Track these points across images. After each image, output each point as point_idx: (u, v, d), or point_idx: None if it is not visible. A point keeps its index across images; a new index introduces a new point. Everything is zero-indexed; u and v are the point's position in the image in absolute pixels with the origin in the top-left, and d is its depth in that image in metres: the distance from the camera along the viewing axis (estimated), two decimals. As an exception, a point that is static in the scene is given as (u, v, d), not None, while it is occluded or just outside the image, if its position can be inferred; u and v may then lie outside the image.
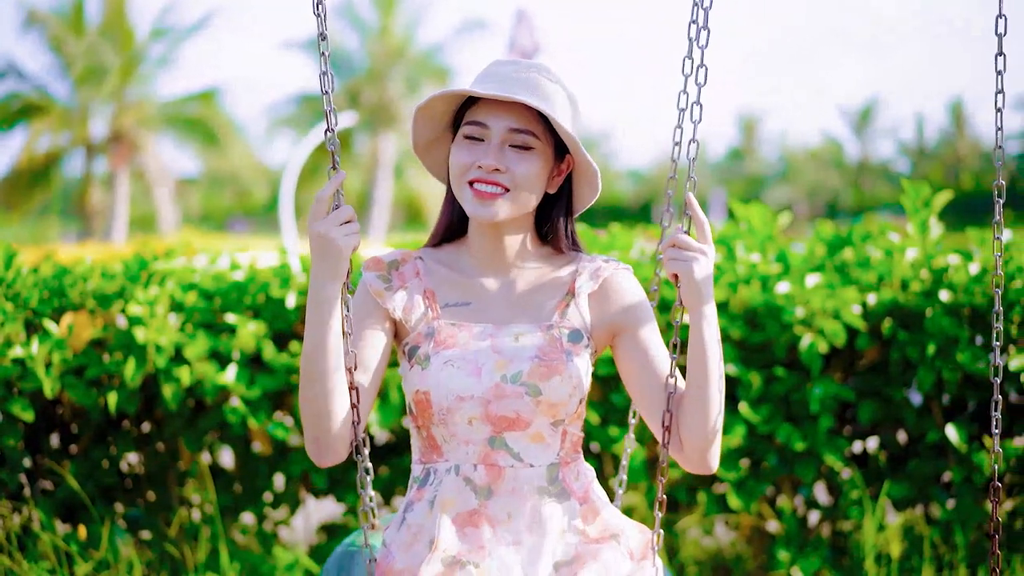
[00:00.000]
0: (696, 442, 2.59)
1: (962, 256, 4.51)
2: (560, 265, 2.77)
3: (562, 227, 2.76)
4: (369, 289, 2.70)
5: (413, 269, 2.75)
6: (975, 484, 4.43)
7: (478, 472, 2.61)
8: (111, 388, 4.36)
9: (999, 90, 2.86)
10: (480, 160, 2.58)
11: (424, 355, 2.62)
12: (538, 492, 2.63)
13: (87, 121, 38.98)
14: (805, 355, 4.38)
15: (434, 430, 2.64)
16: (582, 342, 2.66)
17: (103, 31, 38.30)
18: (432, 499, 2.64)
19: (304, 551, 4.74)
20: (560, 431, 2.66)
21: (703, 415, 2.58)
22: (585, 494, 2.70)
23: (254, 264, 4.66)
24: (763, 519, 4.72)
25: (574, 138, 2.59)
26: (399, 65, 42.93)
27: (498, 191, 2.58)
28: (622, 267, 2.77)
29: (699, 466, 2.63)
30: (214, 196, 68.03)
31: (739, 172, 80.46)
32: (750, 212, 4.73)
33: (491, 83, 2.60)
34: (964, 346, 4.32)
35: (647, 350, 2.67)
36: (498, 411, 2.58)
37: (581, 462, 2.75)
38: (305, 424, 2.56)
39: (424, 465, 2.70)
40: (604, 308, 2.71)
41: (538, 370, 2.58)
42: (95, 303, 4.39)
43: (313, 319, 2.51)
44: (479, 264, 2.74)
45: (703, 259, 2.55)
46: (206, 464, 4.59)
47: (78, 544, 4.39)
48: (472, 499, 2.60)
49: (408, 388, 2.65)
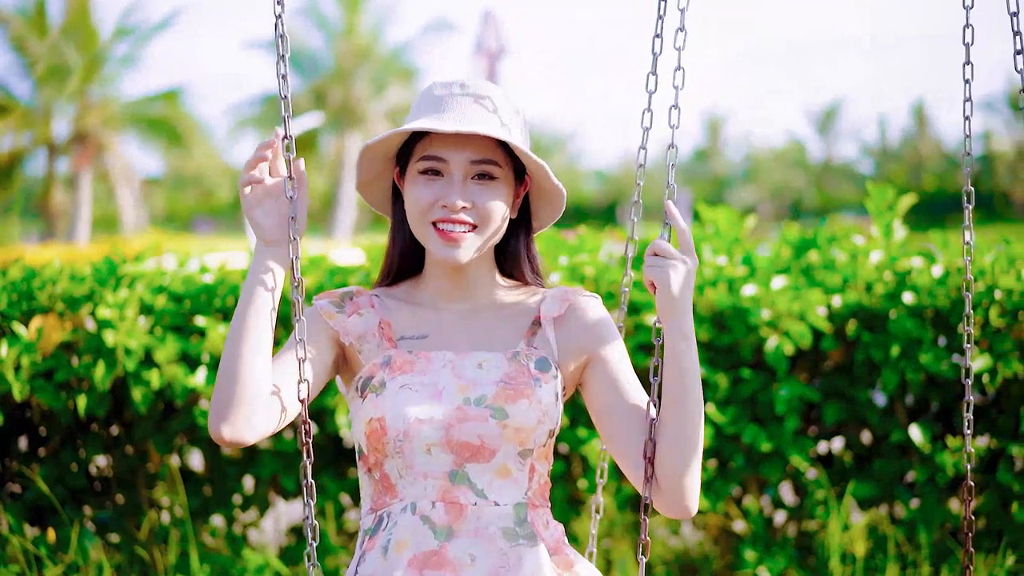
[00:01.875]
0: (671, 477, 2.38)
1: (925, 258, 4.56)
2: (525, 295, 2.57)
3: (523, 251, 2.58)
4: (320, 312, 2.49)
5: (368, 301, 2.53)
6: (938, 484, 4.49)
7: (437, 510, 2.37)
8: (80, 391, 4.36)
9: (967, 98, 2.90)
10: (444, 199, 2.38)
11: (379, 382, 2.40)
12: (504, 534, 2.38)
13: (50, 121, 38.72)
14: (771, 357, 4.42)
15: (387, 466, 2.40)
16: (550, 371, 2.44)
17: (66, 30, 38.04)
18: (386, 544, 2.38)
19: (274, 553, 4.75)
20: (528, 466, 2.42)
21: (678, 444, 2.37)
22: (557, 545, 2.45)
23: (224, 267, 4.66)
24: (730, 519, 4.76)
25: (543, 165, 2.43)
26: (365, 65, 42.88)
27: (465, 229, 2.40)
28: (588, 294, 2.57)
29: (675, 506, 2.40)
30: (178, 196, 67.68)
31: (704, 173, 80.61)
32: (717, 215, 4.77)
33: (442, 114, 2.41)
34: (928, 347, 4.37)
35: (616, 377, 2.49)
36: (460, 437, 2.35)
37: (550, 513, 2.49)
38: (217, 388, 2.32)
39: (376, 512, 2.44)
40: (571, 335, 2.50)
41: (504, 393, 2.38)
42: (64, 306, 4.39)
43: (244, 284, 2.37)
44: (438, 298, 2.54)
45: (681, 267, 2.37)
46: (176, 467, 4.59)
47: (47, 547, 4.39)
48: (431, 539, 2.35)
49: (359, 424, 2.42)
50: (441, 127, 2.33)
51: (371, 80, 43.03)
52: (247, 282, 2.35)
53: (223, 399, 2.31)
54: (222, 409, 2.30)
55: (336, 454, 4.67)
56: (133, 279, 4.46)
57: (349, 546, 4.74)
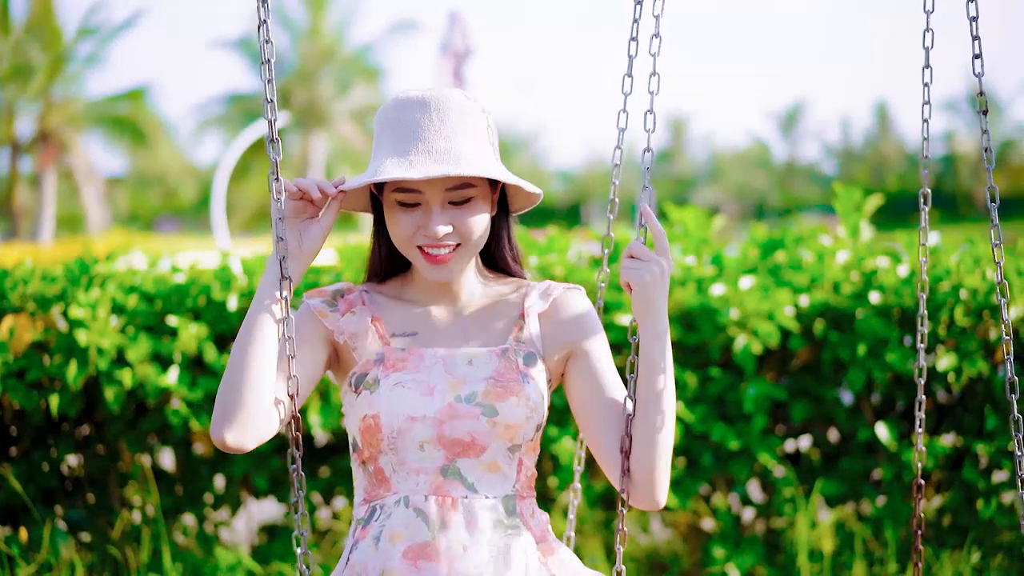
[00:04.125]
0: (643, 470, 2.47)
1: (891, 258, 4.62)
2: (510, 288, 2.63)
3: (504, 238, 2.62)
4: (313, 310, 2.53)
5: (359, 298, 2.57)
6: (904, 482, 4.54)
7: (429, 503, 2.44)
8: (52, 391, 4.36)
9: (926, 101, 2.94)
10: (425, 230, 2.42)
11: (373, 379, 2.45)
12: (494, 526, 2.45)
13: (13, 120, 38.56)
14: (739, 356, 4.47)
15: (382, 460, 2.47)
16: (537, 365, 2.52)
17: (29, 29, 37.86)
18: (379, 535, 2.45)
19: (246, 552, 4.77)
20: (516, 460, 2.49)
21: (650, 439, 2.46)
22: (543, 534, 2.53)
23: (195, 267, 4.67)
24: (699, 517, 4.80)
25: (518, 184, 2.48)
26: (329, 65, 42.89)
27: (449, 250, 2.44)
28: (573, 287, 2.63)
29: (646, 498, 2.49)
30: (142, 196, 67.37)
31: (668, 173, 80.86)
32: (685, 216, 4.81)
33: (408, 148, 2.41)
34: (894, 346, 4.43)
35: (598, 371, 2.55)
36: (452, 433, 2.42)
37: (536, 503, 2.56)
38: (220, 396, 2.38)
39: (369, 503, 2.51)
40: (555, 328, 2.57)
41: (494, 390, 2.44)
42: (36, 306, 4.39)
43: (257, 295, 2.43)
44: (426, 295, 2.59)
45: (656, 269, 2.45)
46: (147, 466, 4.60)
47: (19, 547, 4.39)
48: (424, 531, 2.42)
49: (354, 419, 2.49)
50: (410, 174, 2.34)
51: (336, 80, 43.04)
52: (258, 295, 2.42)
53: (228, 407, 2.37)
54: (227, 417, 2.36)
55: (314, 453, 4.70)
56: (105, 279, 4.47)
57: (320, 544, 4.75)
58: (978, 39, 2.80)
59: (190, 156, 57.82)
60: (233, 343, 2.48)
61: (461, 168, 2.36)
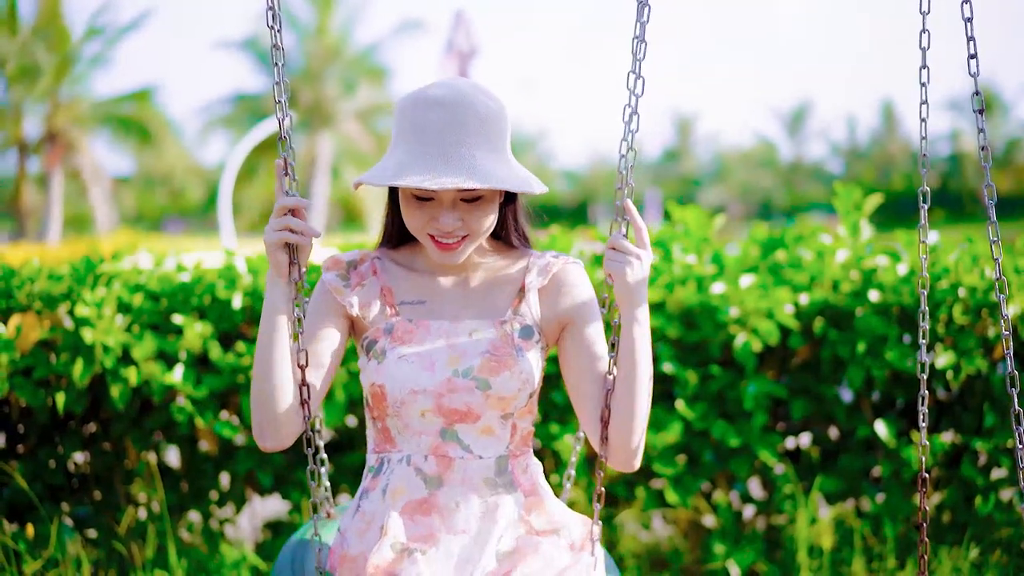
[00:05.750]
0: (620, 438, 2.68)
1: (891, 257, 4.64)
2: (512, 261, 2.83)
3: (511, 220, 2.82)
4: (328, 287, 2.75)
5: (370, 268, 2.80)
6: (903, 479, 4.56)
7: (428, 462, 2.70)
8: (59, 388, 4.39)
9: (923, 101, 2.96)
10: (436, 222, 2.62)
11: (381, 350, 2.69)
12: (486, 483, 2.71)
13: (20, 120, 38.63)
14: (739, 353, 4.50)
15: (388, 422, 2.72)
16: (533, 338, 2.73)
17: (37, 30, 37.93)
18: (384, 488, 2.72)
19: (250, 548, 4.79)
20: (510, 424, 2.73)
21: (628, 412, 2.66)
22: (532, 487, 2.78)
23: (200, 266, 4.70)
24: (699, 513, 4.83)
25: (529, 189, 2.59)
26: (335, 65, 42.91)
27: (458, 239, 2.64)
28: (572, 261, 2.83)
29: (622, 463, 2.72)
30: (149, 196, 67.41)
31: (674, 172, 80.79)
32: (686, 214, 4.84)
33: (425, 151, 2.55)
34: (893, 344, 4.45)
35: (589, 345, 2.75)
36: (450, 404, 2.66)
37: (530, 456, 2.82)
38: (252, 408, 2.65)
39: (378, 455, 2.77)
40: (553, 302, 2.78)
41: (488, 365, 2.66)
42: (42, 304, 4.42)
43: (262, 314, 2.65)
44: (435, 266, 2.80)
45: (637, 263, 2.64)
46: (153, 463, 4.63)
47: (26, 543, 4.42)
48: (422, 488, 2.69)
49: (365, 380, 2.72)
50: (427, 185, 2.49)
51: (341, 80, 43.07)
52: (265, 313, 2.65)
53: (262, 420, 2.65)
54: (263, 427, 2.66)
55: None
56: (110, 278, 4.50)
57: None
58: (973, 40, 2.83)
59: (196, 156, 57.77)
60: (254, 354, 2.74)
61: (476, 180, 2.52)
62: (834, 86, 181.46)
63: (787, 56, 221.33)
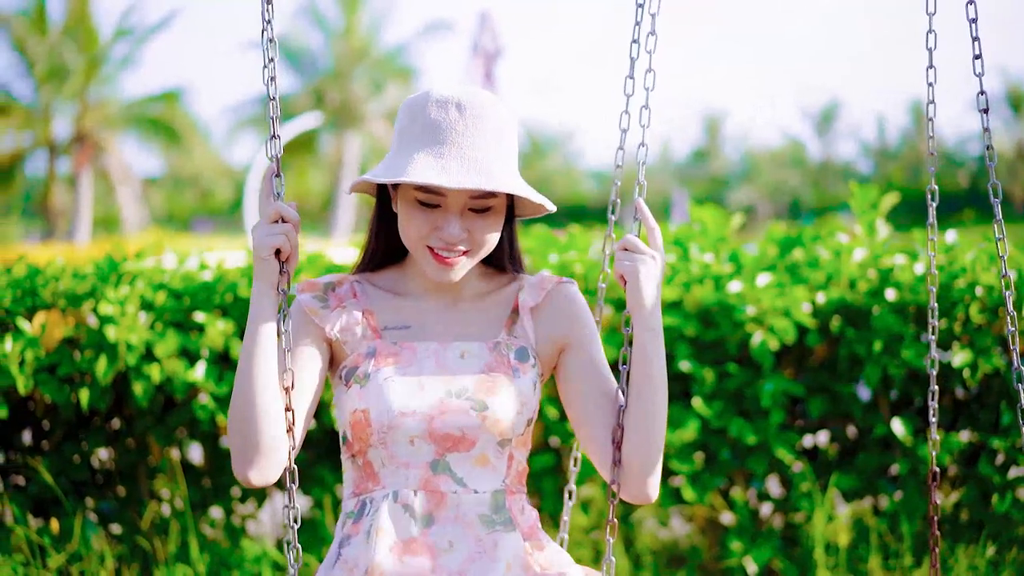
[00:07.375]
0: (636, 459, 2.46)
1: (908, 256, 4.65)
2: (503, 284, 2.62)
3: (505, 243, 2.59)
4: (304, 308, 2.51)
5: (350, 290, 2.56)
6: (920, 476, 4.57)
7: (418, 498, 2.43)
8: (83, 385, 4.44)
9: (930, 100, 2.98)
10: (441, 232, 2.41)
11: (363, 374, 2.44)
12: (482, 520, 2.44)
13: (50, 121, 38.84)
14: (756, 352, 4.51)
15: (371, 454, 2.46)
16: (529, 361, 2.51)
17: (66, 31, 38.16)
18: (368, 529, 2.43)
19: (271, 544, 4.83)
20: (506, 454, 2.48)
21: (643, 429, 2.45)
22: (531, 529, 2.53)
23: (222, 264, 4.74)
24: (716, 511, 4.84)
25: (545, 203, 2.47)
26: (363, 65, 42.97)
27: (459, 255, 2.43)
28: (565, 281, 2.61)
29: (637, 490, 2.50)
30: (177, 196, 67.58)
31: (702, 173, 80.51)
32: (703, 213, 4.86)
33: (442, 149, 2.37)
34: (909, 343, 4.46)
35: (592, 363, 2.55)
36: (442, 428, 2.41)
37: (526, 498, 2.56)
38: (233, 435, 2.38)
39: (358, 497, 2.50)
40: (548, 322, 2.56)
41: (484, 385, 2.44)
42: (66, 302, 4.47)
43: (247, 329, 2.41)
44: (421, 288, 2.57)
45: (650, 263, 2.46)
46: (176, 459, 4.67)
47: (51, 538, 4.48)
48: (412, 527, 2.42)
49: (344, 413, 2.47)
50: (445, 182, 2.31)
51: (369, 80, 43.11)
52: (251, 328, 2.40)
53: (245, 448, 2.38)
54: (248, 457, 2.38)
55: (333, 446, 4.76)
56: (134, 276, 4.54)
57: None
58: (978, 40, 2.86)
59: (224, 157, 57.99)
60: (235, 377, 2.44)
61: (495, 183, 2.35)
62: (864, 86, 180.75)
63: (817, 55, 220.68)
